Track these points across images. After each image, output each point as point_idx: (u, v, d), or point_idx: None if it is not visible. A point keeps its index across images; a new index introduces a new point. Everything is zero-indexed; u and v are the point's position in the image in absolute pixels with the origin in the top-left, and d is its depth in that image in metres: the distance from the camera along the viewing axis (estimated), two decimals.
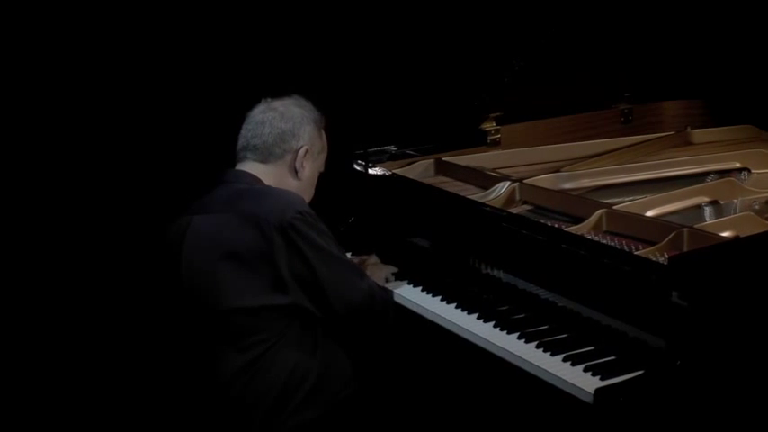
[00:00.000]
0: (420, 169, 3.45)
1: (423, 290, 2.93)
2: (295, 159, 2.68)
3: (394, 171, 3.38)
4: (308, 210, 2.57)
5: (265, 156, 2.66)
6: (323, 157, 2.78)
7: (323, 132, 2.76)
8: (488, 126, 3.58)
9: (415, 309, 2.87)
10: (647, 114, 3.83)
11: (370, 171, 3.37)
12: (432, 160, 3.47)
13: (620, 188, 3.20)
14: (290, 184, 2.68)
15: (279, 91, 2.77)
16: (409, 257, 3.06)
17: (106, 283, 3.88)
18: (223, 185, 2.65)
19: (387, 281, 2.95)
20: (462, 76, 4.04)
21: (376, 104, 4.01)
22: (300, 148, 2.68)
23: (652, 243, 2.57)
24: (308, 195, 2.71)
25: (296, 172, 2.69)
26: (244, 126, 2.70)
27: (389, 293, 2.86)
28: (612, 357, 2.39)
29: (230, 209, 2.56)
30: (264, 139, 2.66)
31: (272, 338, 2.53)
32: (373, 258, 3.02)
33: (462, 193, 3.16)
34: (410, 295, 2.91)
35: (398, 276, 2.99)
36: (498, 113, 3.58)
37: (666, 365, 2.23)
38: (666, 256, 2.44)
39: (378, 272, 2.93)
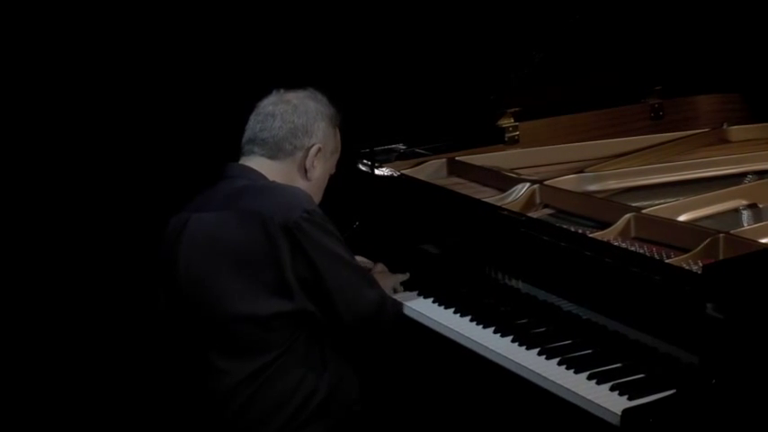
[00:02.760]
0: (431, 169, 3.45)
1: (434, 301, 2.93)
2: (306, 158, 2.67)
3: (402, 171, 3.38)
4: (316, 209, 2.57)
5: (274, 151, 2.66)
6: (335, 157, 2.78)
7: (337, 131, 2.76)
8: (506, 122, 3.59)
9: (425, 322, 2.87)
10: (680, 110, 3.84)
11: (377, 171, 3.37)
12: (444, 160, 3.48)
13: (650, 190, 3.20)
14: (298, 184, 2.68)
15: (282, 84, 2.76)
16: (419, 266, 3.06)
17: (103, 284, 3.94)
18: (225, 181, 2.64)
19: (395, 291, 2.95)
20: (477, 67, 4.04)
21: (383, 99, 4.02)
22: (313, 145, 2.67)
23: (685, 250, 2.57)
24: (315, 198, 2.71)
25: (305, 171, 2.69)
26: (252, 117, 2.69)
27: (400, 306, 2.86)
28: (641, 375, 2.38)
29: (232, 206, 2.56)
30: (274, 132, 2.65)
31: (277, 349, 2.53)
32: (379, 266, 3.02)
33: (477, 196, 3.16)
34: (421, 307, 2.91)
35: (408, 286, 3.00)
36: (516, 109, 3.58)
37: (700, 384, 2.23)
38: (701, 265, 2.45)
39: (385, 281, 2.92)
